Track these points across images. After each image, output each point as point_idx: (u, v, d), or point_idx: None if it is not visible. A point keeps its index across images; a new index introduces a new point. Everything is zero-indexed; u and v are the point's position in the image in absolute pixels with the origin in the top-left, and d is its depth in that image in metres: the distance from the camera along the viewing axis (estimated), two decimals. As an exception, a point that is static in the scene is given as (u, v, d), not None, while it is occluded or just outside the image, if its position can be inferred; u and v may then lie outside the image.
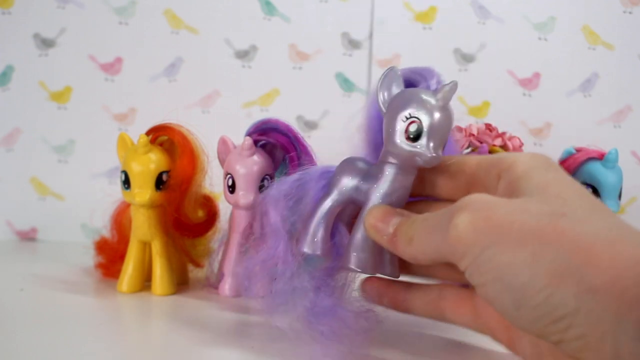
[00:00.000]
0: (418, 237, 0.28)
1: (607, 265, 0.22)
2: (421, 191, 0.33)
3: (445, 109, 0.30)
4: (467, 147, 0.46)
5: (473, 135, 0.45)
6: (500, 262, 0.24)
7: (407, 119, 0.30)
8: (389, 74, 0.33)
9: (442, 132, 0.30)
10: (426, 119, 0.30)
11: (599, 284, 0.22)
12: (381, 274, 0.33)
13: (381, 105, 0.32)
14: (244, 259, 0.38)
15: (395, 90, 0.32)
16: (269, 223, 0.34)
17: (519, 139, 0.46)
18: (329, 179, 0.34)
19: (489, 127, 0.45)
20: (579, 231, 0.24)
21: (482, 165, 0.30)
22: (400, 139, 0.30)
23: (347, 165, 0.33)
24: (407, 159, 0.31)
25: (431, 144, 0.30)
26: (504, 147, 0.45)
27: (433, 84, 0.34)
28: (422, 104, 0.30)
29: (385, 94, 0.32)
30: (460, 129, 0.45)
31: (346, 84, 0.61)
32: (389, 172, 0.31)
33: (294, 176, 0.35)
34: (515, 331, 0.29)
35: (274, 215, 0.34)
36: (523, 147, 0.47)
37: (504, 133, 0.46)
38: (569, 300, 0.23)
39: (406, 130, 0.30)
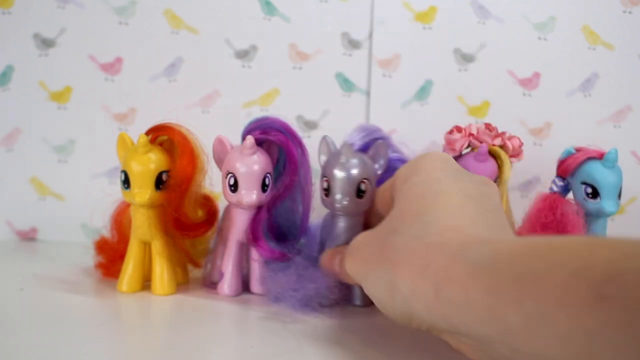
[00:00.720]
0: (343, 271, 0.36)
1: (405, 275, 0.28)
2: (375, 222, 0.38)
3: (346, 166, 0.40)
4: (467, 147, 0.46)
5: (472, 135, 0.45)
6: (368, 286, 0.31)
7: (323, 177, 0.41)
8: (321, 143, 0.42)
9: (346, 185, 0.40)
10: (331, 177, 0.40)
11: (405, 293, 0.28)
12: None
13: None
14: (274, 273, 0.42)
15: (323, 157, 0.42)
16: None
17: (518, 138, 0.46)
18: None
19: (488, 126, 0.45)
20: (393, 250, 0.29)
21: (395, 187, 0.35)
22: (322, 194, 0.42)
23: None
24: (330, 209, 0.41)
25: (337, 196, 0.40)
26: (504, 146, 0.45)
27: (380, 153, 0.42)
28: (330, 166, 0.41)
29: (322, 157, 0.42)
30: (459, 129, 0.45)
31: (346, 84, 0.61)
32: (332, 221, 0.42)
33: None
34: None
35: None
36: (523, 147, 0.47)
37: (503, 133, 0.45)
38: (407, 309, 0.29)
39: (322, 188, 0.41)
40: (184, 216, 0.43)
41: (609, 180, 0.43)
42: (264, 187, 0.42)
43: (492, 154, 0.45)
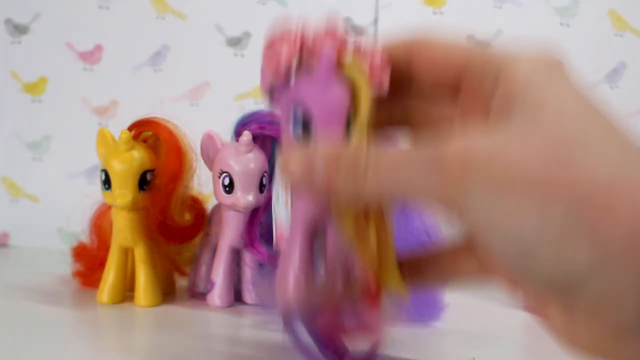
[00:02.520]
0: (375, 189, 0.26)
1: (624, 221, 0.22)
2: (403, 94, 0.30)
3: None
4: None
5: (305, 43, 0.29)
6: (506, 214, 0.24)
7: None
8: None
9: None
10: None
11: (613, 249, 0.22)
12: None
13: None
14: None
15: None
16: None
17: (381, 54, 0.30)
18: None
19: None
20: (593, 171, 0.23)
21: (477, 62, 0.29)
22: None
23: None
24: None
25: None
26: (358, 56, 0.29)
27: None
28: None
29: None
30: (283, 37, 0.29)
31: (349, 75, 0.61)
32: None
33: None
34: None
35: None
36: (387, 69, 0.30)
37: (357, 41, 0.30)
38: (580, 261, 0.22)
39: None
40: (170, 220, 0.43)
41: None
42: (260, 187, 0.42)
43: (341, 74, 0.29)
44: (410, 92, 0.31)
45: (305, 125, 0.28)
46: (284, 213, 0.32)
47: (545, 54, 0.27)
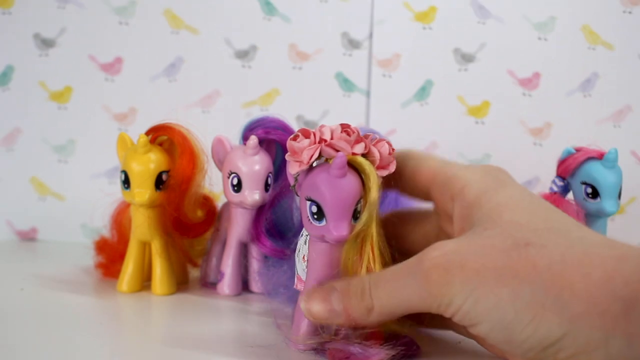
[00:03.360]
0: (380, 304, 0.28)
1: (582, 289, 0.24)
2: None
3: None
4: (319, 157, 0.31)
5: (325, 141, 0.31)
6: (485, 306, 0.25)
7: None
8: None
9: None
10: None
11: (579, 311, 0.23)
12: None
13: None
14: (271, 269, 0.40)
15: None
16: None
17: (387, 143, 0.32)
18: None
19: (346, 129, 0.31)
20: (548, 260, 0.25)
21: (437, 182, 0.32)
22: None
23: None
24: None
25: None
26: (368, 154, 0.32)
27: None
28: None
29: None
30: (307, 133, 0.32)
31: (346, 84, 0.61)
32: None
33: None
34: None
35: None
36: (394, 155, 0.33)
37: (367, 136, 0.32)
38: (554, 330, 0.24)
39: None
40: (184, 216, 0.43)
41: (609, 180, 0.43)
42: (266, 186, 0.42)
43: (353, 166, 0.31)
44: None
45: (318, 212, 0.30)
46: (301, 265, 0.33)
47: (488, 171, 0.31)
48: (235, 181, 0.42)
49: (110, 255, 0.46)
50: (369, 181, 0.30)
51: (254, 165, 0.42)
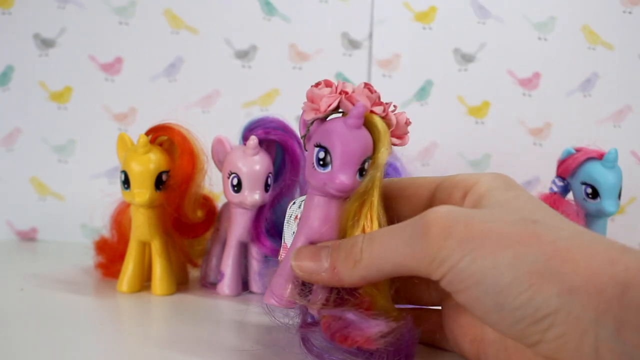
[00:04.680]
0: (368, 257, 0.28)
1: (584, 267, 0.23)
2: None
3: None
4: (336, 109, 0.31)
5: (346, 93, 0.30)
6: (482, 266, 0.25)
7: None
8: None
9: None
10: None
11: (578, 284, 0.23)
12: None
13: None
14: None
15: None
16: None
17: (405, 115, 0.32)
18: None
19: (368, 87, 0.31)
20: (554, 236, 0.25)
21: (445, 187, 0.31)
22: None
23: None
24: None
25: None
26: (386, 118, 0.31)
27: None
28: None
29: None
30: (329, 83, 0.31)
31: (346, 84, 0.61)
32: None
33: None
34: (480, 342, 0.30)
35: None
36: (409, 130, 0.33)
37: (389, 103, 0.32)
38: (551, 301, 0.23)
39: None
40: (184, 216, 0.43)
41: (609, 180, 0.43)
42: (266, 186, 0.42)
43: (368, 124, 0.30)
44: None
45: (324, 159, 0.29)
46: (291, 228, 0.32)
47: (499, 175, 0.30)
48: (235, 181, 0.42)
49: (110, 255, 0.46)
50: (379, 142, 0.29)
51: (254, 165, 0.42)
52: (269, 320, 0.32)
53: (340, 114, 0.31)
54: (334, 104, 0.30)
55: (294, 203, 0.33)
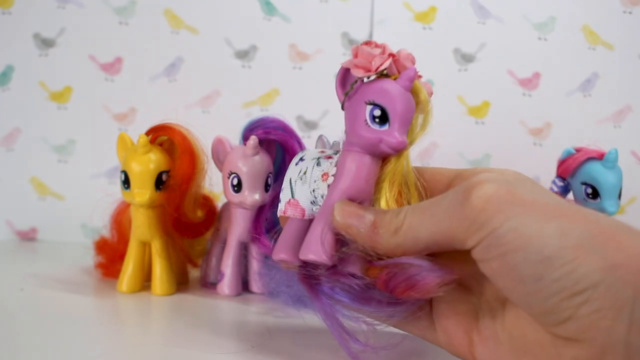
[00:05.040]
0: (409, 224, 0.27)
1: (627, 246, 0.23)
2: None
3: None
4: (384, 72, 0.30)
5: (394, 56, 0.31)
6: (526, 233, 0.24)
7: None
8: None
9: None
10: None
11: (620, 261, 0.23)
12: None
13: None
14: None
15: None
16: None
17: (430, 85, 0.33)
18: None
19: (411, 56, 0.32)
20: (597, 217, 0.25)
21: (464, 177, 0.30)
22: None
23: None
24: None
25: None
26: (425, 85, 0.32)
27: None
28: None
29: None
30: (377, 44, 0.31)
31: (346, 84, 0.61)
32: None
33: None
34: (475, 334, 0.29)
35: None
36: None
37: (419, 76, 0.32)
38: (593, 274, 0.23)
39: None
40: (184, 216, 0.43)
41: (609, 180, 0.43)
42: (266, 186, 0.42)
43: (413, 89, 0.31)
44: None
45: (381, 117, 0.29)
46: (311, 186, 0.31)
47: (519, 172, 0.29)
48: (235, 181, 0.42)
49: (110, 255, 0.46)
50: (425, 107, 0.31)
51: (254, 165, 0.42)
52: (291, 272, 0.32)
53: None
54: (385, 64, 0.30)
55: (302, 160, 0.32)
